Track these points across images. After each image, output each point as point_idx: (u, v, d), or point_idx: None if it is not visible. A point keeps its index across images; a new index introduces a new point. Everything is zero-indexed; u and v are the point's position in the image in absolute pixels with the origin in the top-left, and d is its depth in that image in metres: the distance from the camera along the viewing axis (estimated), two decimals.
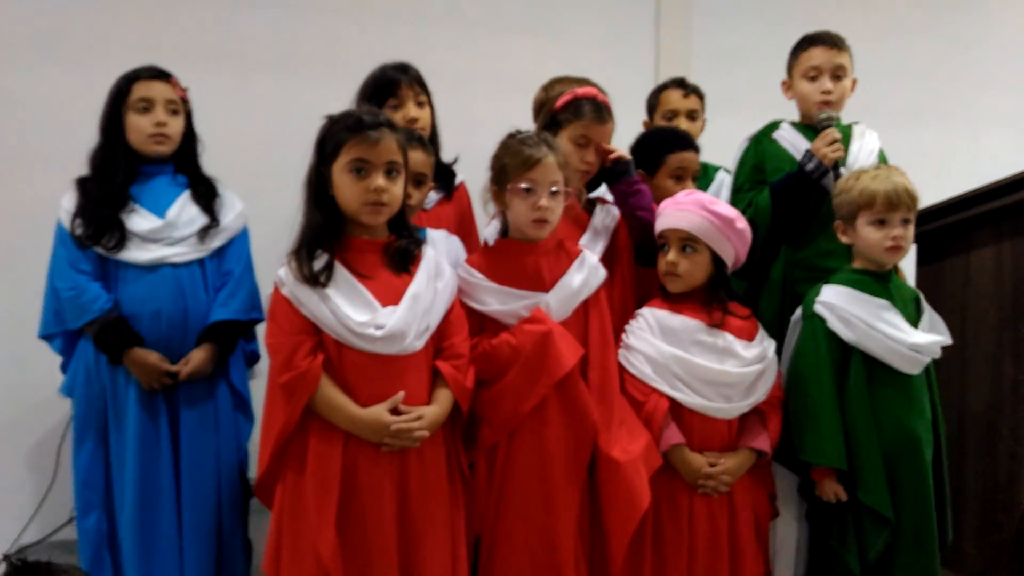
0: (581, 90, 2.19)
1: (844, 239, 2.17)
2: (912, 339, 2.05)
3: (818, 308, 2.10)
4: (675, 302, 2.11)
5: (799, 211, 2.36)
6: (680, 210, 2.09)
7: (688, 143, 2.39)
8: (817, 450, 2.04)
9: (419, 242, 1.94)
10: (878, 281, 2.12)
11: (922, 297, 2.18)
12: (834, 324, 2.08)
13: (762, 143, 2.55)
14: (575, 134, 2.15)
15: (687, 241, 2.08)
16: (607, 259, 2.15)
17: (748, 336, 2.09)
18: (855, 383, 2.06)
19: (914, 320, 2.11)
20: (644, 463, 1.94)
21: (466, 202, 2.47)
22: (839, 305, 2.08)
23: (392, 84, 2.33)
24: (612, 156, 2.17)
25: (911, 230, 2.11)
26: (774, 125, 2.56)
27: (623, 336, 2.11)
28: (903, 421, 2.05)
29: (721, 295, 2.11)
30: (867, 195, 2.08)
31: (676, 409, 2.04)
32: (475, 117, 2.63)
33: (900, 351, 2.04)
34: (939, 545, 2.08)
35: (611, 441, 1.94)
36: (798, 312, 2.19)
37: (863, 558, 2.03)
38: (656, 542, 2.02)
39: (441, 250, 2.07)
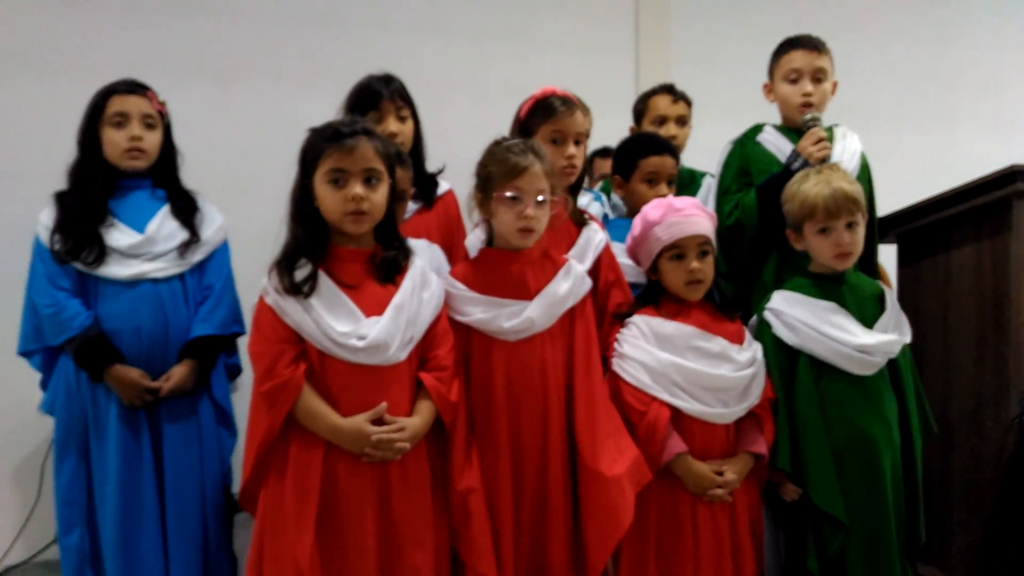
0: (539, 92, 2.20)
1: (798, 246, 2.16)
2: (859, 340, 2.03)
3: (766, 314, 2.12)
4: (667, 309, 2.07)
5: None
6: (689, 216, 2.04)
7: (662, 147, 2.36)
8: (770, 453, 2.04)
9: (407, 252, 1.92)
10: (828, 283, 2.11)
11: (888, 295, 2.15)
12: (779, 329, 2.09)
13: (746, 146, 2.55)
14: (549, 132, 2.15)
15: (705, 245, 2.06)
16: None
17: (739, 340, 2.07)
18: (802, 386, 2.05)
19: (873, 319, 2.08)
20: (630, 480, 1.89)
21: (454, 211, 2.43)
22: (784, 310, 2.09)
23: (373, 97, 2.31)
24: None
25: (859, 232, 2.08)
26: (757, 128, 2.57)
27: (615, 345, 2.06)
28: (856, 421, 2.03)
29: (715, 297, 2.11)
30: (808, 205, 2.09)
31: (676, 417, 1.99)
32: (456, 125, 2.63)
33: (846, 353, 2.03)
34: (913, 544, 2.07)
35: (597, 454, 1.89)
36: (754, 318, 2.18)
37: (823, 558, 2.01)
38: (659, 552, 1.98)
39: (423, 259, 2.05)
